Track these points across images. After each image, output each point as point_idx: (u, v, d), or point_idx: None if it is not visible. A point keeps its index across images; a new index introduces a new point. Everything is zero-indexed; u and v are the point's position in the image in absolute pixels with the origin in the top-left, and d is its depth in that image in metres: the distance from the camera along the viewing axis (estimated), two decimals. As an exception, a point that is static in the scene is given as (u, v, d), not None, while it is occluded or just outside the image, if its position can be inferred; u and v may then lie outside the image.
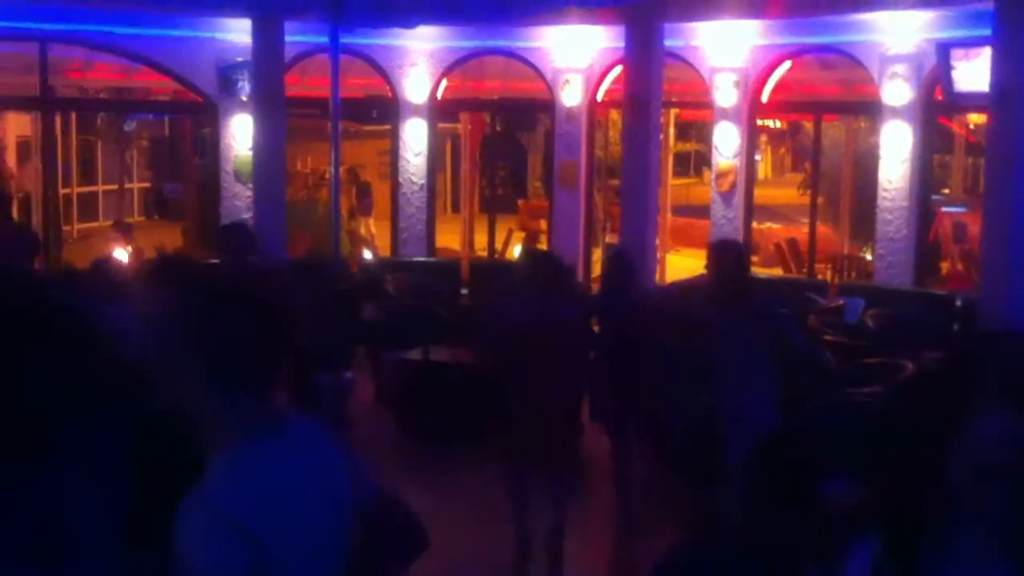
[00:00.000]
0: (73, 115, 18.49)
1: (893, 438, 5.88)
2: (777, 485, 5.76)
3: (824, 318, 9.86)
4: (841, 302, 10.89)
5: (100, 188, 20.87)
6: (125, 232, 13.99)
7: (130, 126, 20.84)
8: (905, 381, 7.27)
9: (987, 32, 8.68)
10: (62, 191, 16.81)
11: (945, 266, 14.73)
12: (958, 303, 10.51)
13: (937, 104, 11.76)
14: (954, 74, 10.73)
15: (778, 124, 23.81)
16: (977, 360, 1.59)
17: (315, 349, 6.70)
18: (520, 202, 21.49)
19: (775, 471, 6.38)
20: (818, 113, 14.08)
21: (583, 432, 7.53)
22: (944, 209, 15.24)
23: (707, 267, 5.92)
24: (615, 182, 14.35)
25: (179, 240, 16.55)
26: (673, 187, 18.14)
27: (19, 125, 18.02)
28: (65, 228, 17.21)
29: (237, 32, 12.50)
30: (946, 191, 18.11)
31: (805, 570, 1.88)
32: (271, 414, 2.21)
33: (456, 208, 21.33)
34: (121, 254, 13.31)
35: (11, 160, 18.64)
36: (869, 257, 13.74)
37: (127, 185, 20.89)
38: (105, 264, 6.47)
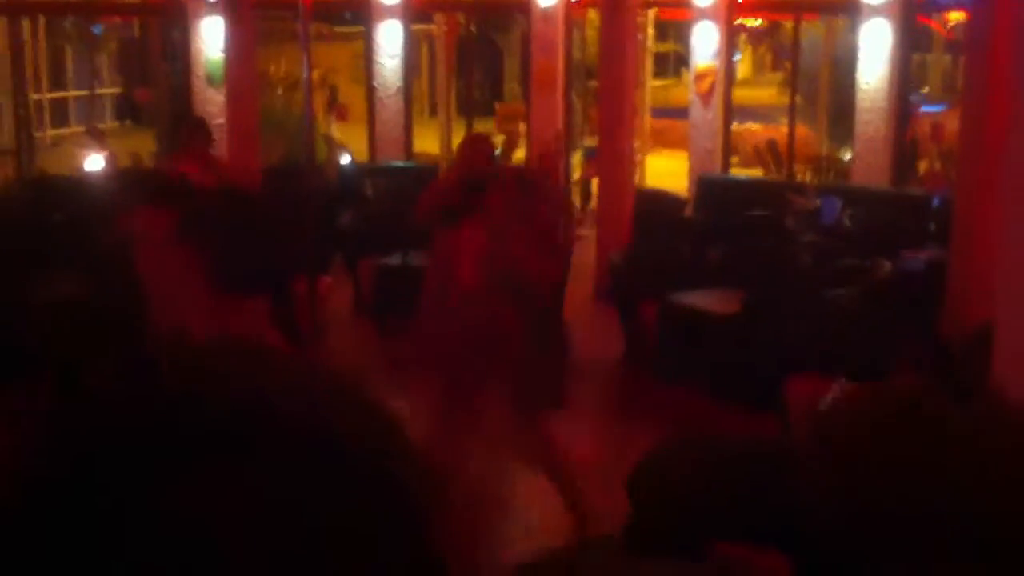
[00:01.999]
0: (41, 19, 18.11)
1: (867, 338, 5.96)
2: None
3: (802, 219, 9.88)
4: (819, 203, 10.91)
5: (71, 94, 20.55)
6: (98, 138, 13.82)
7: (99, 29, 20.43)
8: (881, 282, 7.32)
9: (969, -73, 8.55)
10: (32, 97, 16.54)
11: (923, 166, 14.75)
12: (935, 203, 10.54)
13: (916, 2, 11.64)
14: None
15: (757, 22, 23.57)
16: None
17: (292, 256, 6.68)
18: (497, 105, 21.30)
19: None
20: (797, 12, 13.91)
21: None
22: (923, 109, 15.20)
23: None
24: (594, 84, 14.22)
25: (152, 146, 16.35)
26: (652, 88, 17.99)
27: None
28: (37, 135, 16.97)
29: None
30: (925, 90, 18.04)
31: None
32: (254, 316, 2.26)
33: (433, 112, 21.13)
34: (95, 160, 13.16)
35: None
36: (847, 157, 13.73)
37: (98, 90, 20.56)
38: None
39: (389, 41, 13.91)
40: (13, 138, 14.67)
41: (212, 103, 13.10)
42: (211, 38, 12.87)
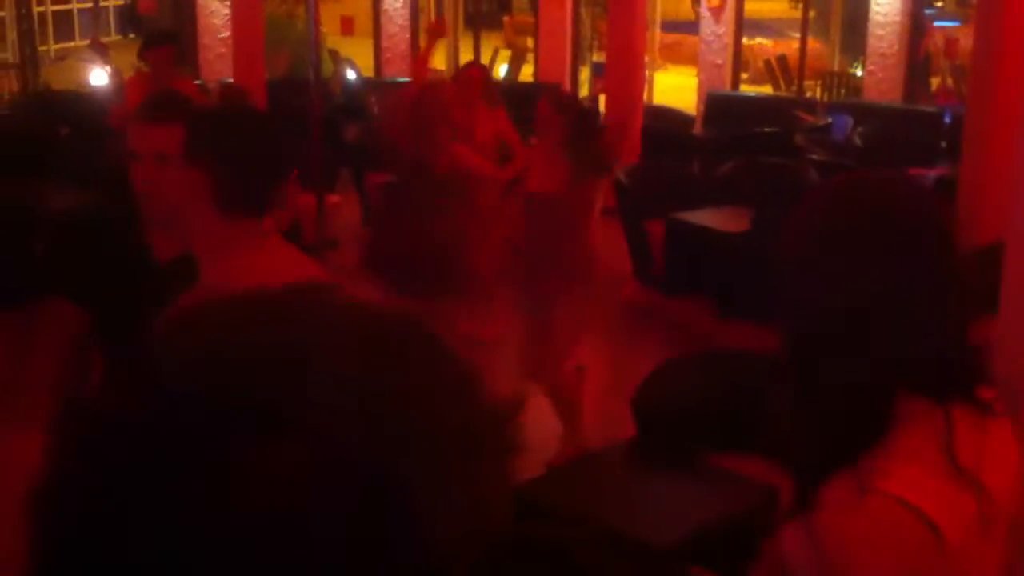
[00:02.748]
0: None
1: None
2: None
3: (811, 136, 9.80)
4: (829, 120, 10.81)
5: (74, 6, 20.29)
6: (102, 53, 13.69)
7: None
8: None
9: None
10: (36, 9, 16.34)
11: (936, 82, 14.57)
12: (947, 120, 10.44)
13: (935, -88, 11.40)
14: None
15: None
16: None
17: (297, 172, 6.64)
18: (505, 18, 21.01)
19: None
20: (812, -78, 13.64)
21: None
22: (937, 23, 14.97)
23: None
24: (602, -3, 14.00)
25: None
26: (662, 2, 17.73)
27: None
28: (41, 48, 16.79)
29: None
30: (939, 4, 17.74)
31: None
32: (261, 235, 2.26)
33: (440, 25, 20.82)
34: (99, 75, 13.06)
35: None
36: (859, 73, 13.56)
37: (101, 2, 20.29)
38: None
39: (395, -48, 13.70)
40: (17, 52, 14.53)
41: (216, 15, 12.94)
42: (214, -51, 12.67)
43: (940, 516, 1.42)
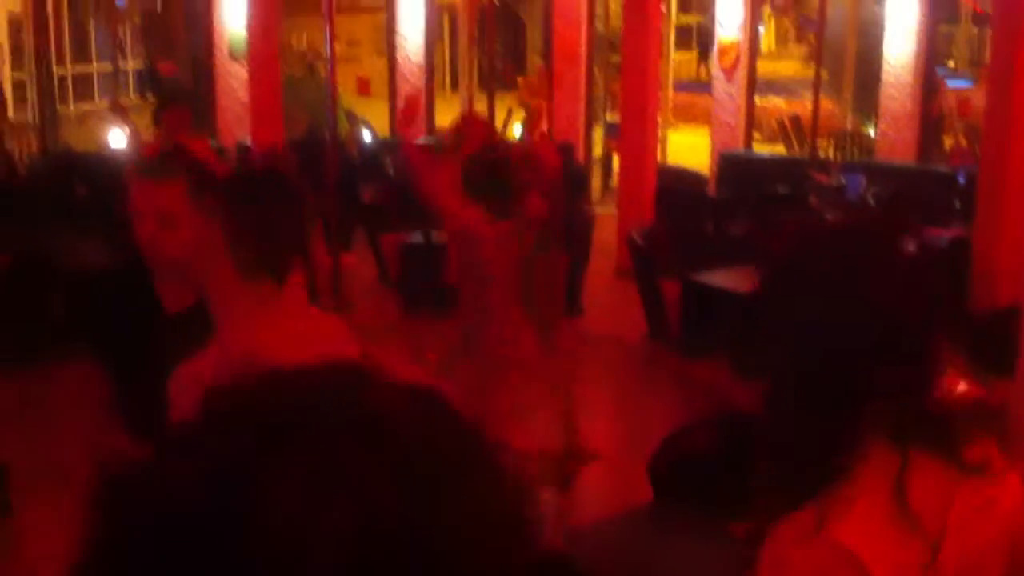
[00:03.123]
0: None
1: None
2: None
3: (825, 196, 9.82)
4: (843, 180, 10.84)
5: (94, 68, 20.58)
6: (121, 114, 13.83)
7: (122, 2, 20.43)
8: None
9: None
10: (56, 71, 16.59)
11: (948, 141, 14.61)
12: (961, 180, 10.46)
13: (945, -26, 11.51)
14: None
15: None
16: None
17: (314, 231, 6.69)
18: (520, 78, 21.20)
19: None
20: (823, -16, 13.76)
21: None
22: (949, 83, 15.04)
23: None
24: (616, 58, 14.13)
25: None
26: (674, 62, 17.88)
27: (10, 2, 17.66)
28: (61, 109, 17.02)
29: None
30: (951, 63, 17.85)
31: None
32: (281, 297, 2.28)
33: (455, 85, 21.07)
34: (118, 136, 13.19)
35: (2, 40, 18.33)
36: (872, 133, 13.62)
37: (121, 64, 20.58)
38: None
39: (411, 14, 13.88)
40: (38, 112, 14.73)
41: (235, 77, 13.11)
42: (232, 11, 12.86)
43: (875, 563, 1.44)
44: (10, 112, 14.93)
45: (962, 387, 1.79)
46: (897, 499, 1.47)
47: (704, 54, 23.73)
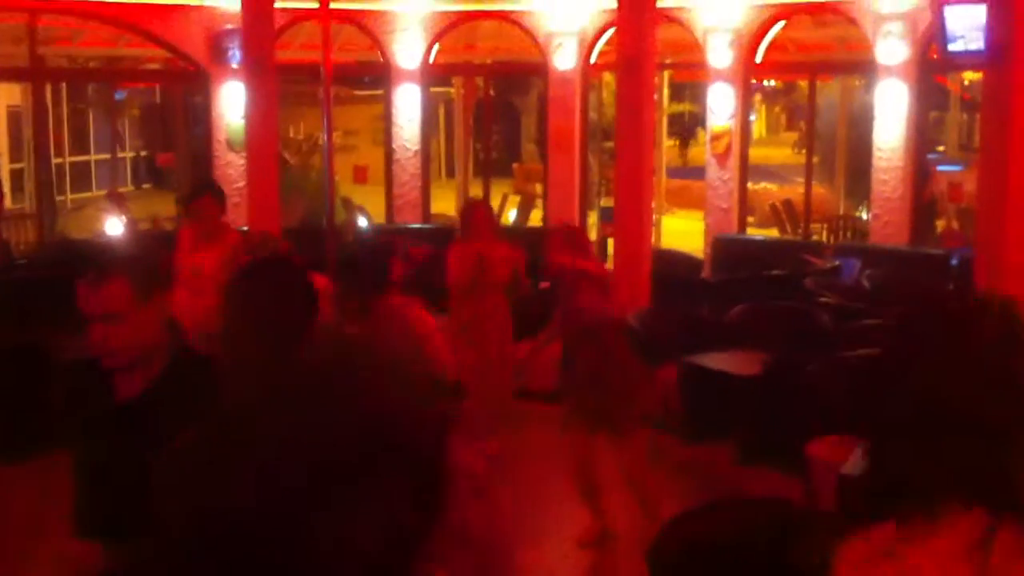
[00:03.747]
0: (63, 85, 18.37)
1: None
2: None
3: (820, 279, 9.86)
4: (837, 263, 10.89)
5: (92, 157, 20.79)
6: (118, 203, 13.93)
7: (121, 95, 20.72)
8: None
9: (982, -11, 8.59)
10: (55, 161, 16.74)
11: (941, 225, 14.73)
12: (953, 262, 10.51)
13: (932, 62, 11.70)
14: (949, 31, 10.66)
15: (773, 83, 23.71)
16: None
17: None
18: (515, 166, 21.43)
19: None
20: (813, 73, 14.00)
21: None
22: (939, 168, 15.21)
23: None
24: (610, 144, 14.30)
25: (172, 210, 16.49)
26: (667, 149, 18.09)
27: (9, 95, 17.91)
28: (59, 198, 17.15)
29: (227, -2, 12.40)
30: (941, 149, 18.07)
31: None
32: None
33: (451, 173, 21.27)
34: (115, 224, 13.27)
35: (1, 130, 18.54)
36: (865, 217, 13.73)
37: (119, 154, 20.80)
38: None
39: (407, 104, 14.06)
40: (36, 202, 14.83)
41: (232, 167, 13.23)
42: (231, 103, 13.03)
43: None
44: (8, 202, 15.03)
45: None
46: (977, 554, 1.51)
47: (685, 141, 24.03)
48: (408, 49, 13.90)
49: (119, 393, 2.74)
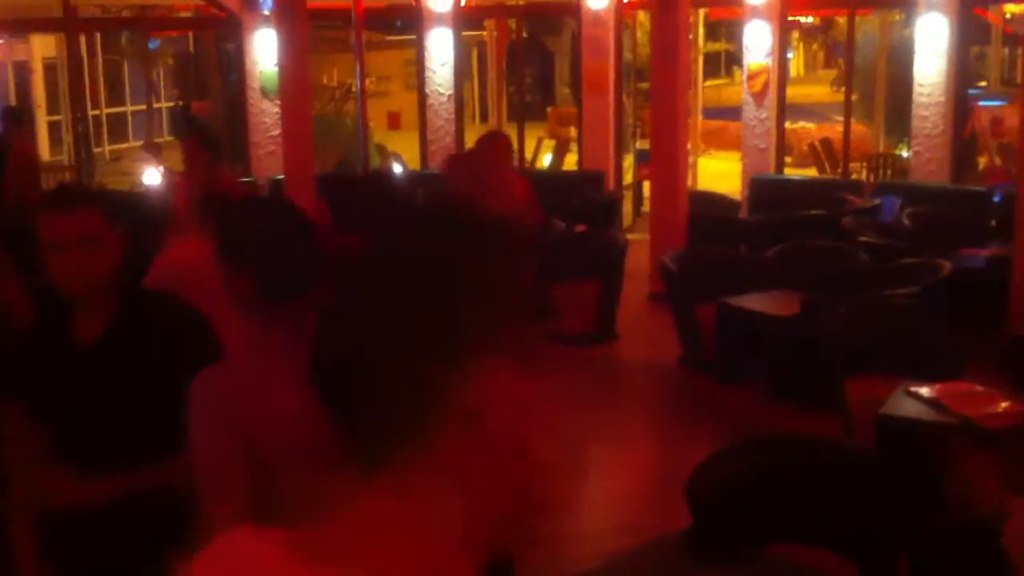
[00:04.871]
0: (97, 35, 18.40)
1: (929, 337, 5.86)
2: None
3: (860, 219, 9.75)
4: (877, 202, 10.77)
5: (128, 108, 20.88)
6: (155, 152, 14.01)
7: (155, 44, 20.73)
8: (942, 280, 7.21)
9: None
10: (91, 112, 16.83)
11: (983, 161, 14.50)
12: (996, 199, 10.36)
13: (974, -6, 11.45)
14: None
15: (810, 19, 23.31)
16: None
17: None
18: (549, 109, 21.29)
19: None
20: (851, 7, 13.75)
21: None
22: (981, 103, 14.94)
23: None
24: (645, 85, 14.16)
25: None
26: (704, 88, 17.89)
27: (44, 47, 17.97)
28: (96, 150, 17.26)
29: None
30: (983, 84, 17.74)
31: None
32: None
33: (484, 118, 21.17)
34: (153, 175, 13.35)
35: (38, 83, 18.63)
36: (905, 154, 13.54)
37: (155, 104, 20.87)
38: None
39: (440, 48, 13.97)
40: (74, 153, 14.94)
41: (267, 114, 13.24)
42: (264, 50, 13.01)
43: None
44: (46, 154, 15.13)
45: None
46: None
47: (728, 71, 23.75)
48: (440, -8, 13.79)
49: (81, 334, 2.72)
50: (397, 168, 15.27)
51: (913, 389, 4.94)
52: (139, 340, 2.69)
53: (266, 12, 12.72)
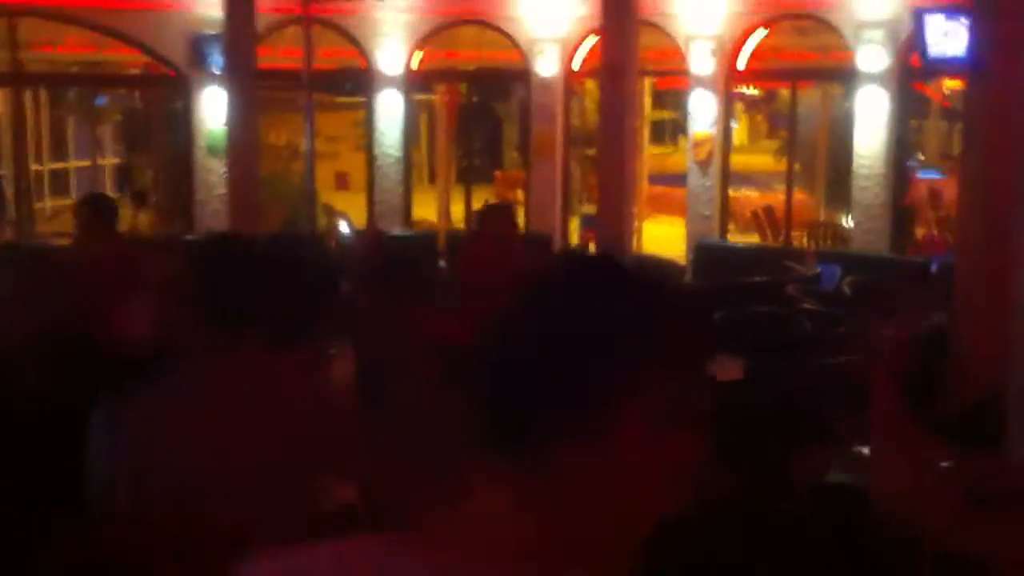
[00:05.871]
0: (43, 91, 18.26)
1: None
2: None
3: (801, 286, 9.88)
4: (818, 270, 10.92)
5: (72, 164, 20.65)
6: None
7: (102, 101, 20.59)
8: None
9: (962, -3, 8.65)
10: (33, 168, 16.64)
11: (921, 232, 14.79)
12: (933, 268, 10.56)
13: (913, 70, 11.76)
14: (929, 39, 10.71)
15: (754, 90, 23.77)
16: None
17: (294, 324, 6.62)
18: (497, 173, 21.40)
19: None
20: (794, 80, 14.06)
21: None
22: (920, 175, 15.28)
23: None
24: (592, 151, 14.32)
25: (152, 216, 16.42)
26: (650, 155, 18.12)
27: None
28: (37, 205, 17.04)
29: (208, 3, 12.35)
30: (921, 157, 18.15)
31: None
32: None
33: (433, 179, 21.23)
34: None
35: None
36: (846, 223, 13.78)
37: (99, 161, 20.66)
38: None
39: (390, 110, 14.05)
40: (14, 208, 14.73)
41: (213, 172, 13.18)
42: (213, 109, 12.98)
43: None
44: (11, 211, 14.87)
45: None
46: None
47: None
48: (390, 55, 13.88)
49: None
50: (344, 227, 15.24)
51: (856, 450, 4.96)
52: None
53: (215, 71, 12.72)
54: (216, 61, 12.67)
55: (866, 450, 4.94)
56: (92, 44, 14.69)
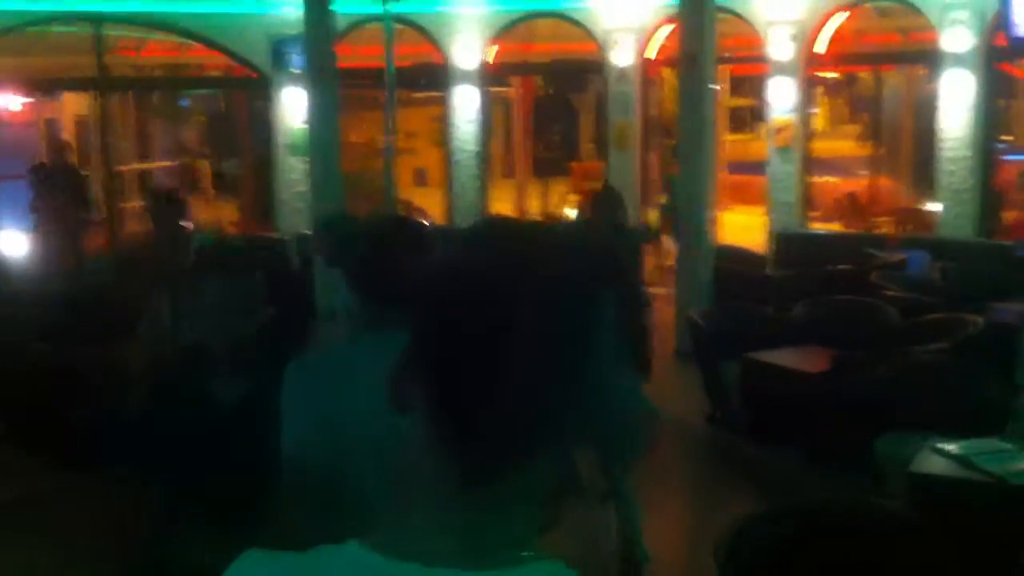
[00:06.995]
0: (130, 94, 18.67)
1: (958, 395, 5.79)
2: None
3: (887, 273, 9.71)
4: (903, 256, 10.72)
5: (157, 165, 21.07)
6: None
7: (186, 102, 20.98)
8: (972, 336, 7.14)
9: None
10: (121, 168, 17.04)
11: (1010, 216, 14.42)
12: (1022, 252, 10.31)
13: (999, 50, 11.47)
14: (1015, 18, 10.45)
15: (834, 74, 23.37)
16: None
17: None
18: (573, 164, 21.35)
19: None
20: (876, 64, 13.81)
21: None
22: (1007, 157, 14.89)
23: None
24: (671, 141, 14.22)
25: (235, 215, 16.70)
26: (728, 143, 17.93)
27: (76, 104, 18.22)
28: (124, 205, 17.44)
29: (288, 4, 12.53)
30: (1009, 138, 17.69)
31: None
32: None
33: (509, 173, 21.26)
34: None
35: (69, 140, 18.86)
36: (931, 208, 13.50)
37: (183, 161, 21.05)
38: None
39: (466, 105, 14.11)
40: (104, 209, 15.12)
41: (295, 171, 13.37)
42: (294, 109, 13.17)
43: None
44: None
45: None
46: None
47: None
48: (466, 50, 13.95)
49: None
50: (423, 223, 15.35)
51: (940, 446, 4.88)
52: None
53: (296, 71, 12.90)
54: (296, 62, 12.86)
55: (949, 444, 4.86)
56: (175, 47, 15.01)
